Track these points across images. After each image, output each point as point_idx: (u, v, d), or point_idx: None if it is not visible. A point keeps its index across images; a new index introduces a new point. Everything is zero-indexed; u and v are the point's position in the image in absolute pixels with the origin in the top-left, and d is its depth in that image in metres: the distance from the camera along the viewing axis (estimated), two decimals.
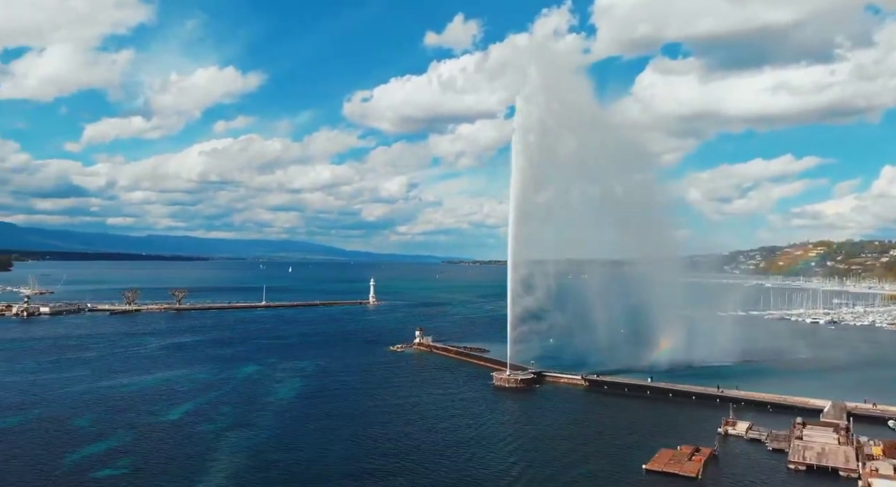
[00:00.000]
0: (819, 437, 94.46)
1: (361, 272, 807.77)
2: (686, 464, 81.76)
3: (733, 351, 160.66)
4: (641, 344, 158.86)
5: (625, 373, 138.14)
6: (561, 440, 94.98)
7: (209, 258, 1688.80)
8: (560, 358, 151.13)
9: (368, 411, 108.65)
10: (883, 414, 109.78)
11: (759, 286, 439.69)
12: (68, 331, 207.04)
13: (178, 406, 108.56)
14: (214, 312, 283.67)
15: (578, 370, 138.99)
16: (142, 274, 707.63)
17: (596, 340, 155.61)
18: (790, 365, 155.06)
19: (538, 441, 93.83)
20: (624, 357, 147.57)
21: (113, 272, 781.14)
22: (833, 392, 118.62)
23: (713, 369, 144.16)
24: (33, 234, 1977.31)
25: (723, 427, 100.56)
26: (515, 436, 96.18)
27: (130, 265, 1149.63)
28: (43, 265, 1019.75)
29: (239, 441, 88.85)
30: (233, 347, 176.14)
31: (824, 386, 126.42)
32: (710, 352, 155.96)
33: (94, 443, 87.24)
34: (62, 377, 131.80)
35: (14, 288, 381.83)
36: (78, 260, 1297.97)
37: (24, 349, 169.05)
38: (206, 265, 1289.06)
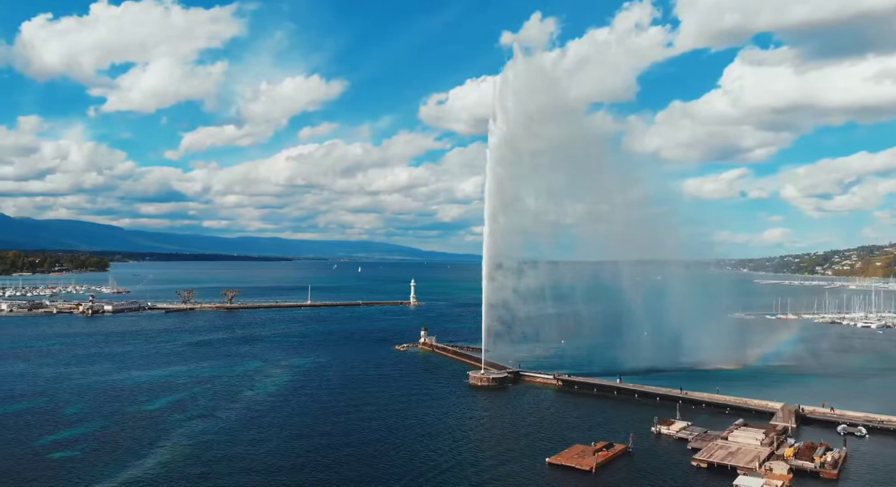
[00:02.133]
0: (744, 438, 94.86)
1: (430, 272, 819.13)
2: (587, 459, 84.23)
3: (740, 356, 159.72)
4: (670, 346, 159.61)
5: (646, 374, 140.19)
6: (497, 434, 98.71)
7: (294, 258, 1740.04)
8: (595, 362, 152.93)
9: (332, 405, 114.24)
10: (839, 419, 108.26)
11: (842, 288, 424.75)
12: (118, 328, 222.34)
13: (163, 397, 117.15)
14: (262, 311, 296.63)
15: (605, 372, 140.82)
16: (224, 274, 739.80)
17: (621, 342, 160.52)
18: (791, 370, 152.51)
19: (477, 435, 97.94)
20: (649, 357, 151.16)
21: (200, 272, 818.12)
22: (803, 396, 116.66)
23: (710, 373, 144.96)
24: (137, 236, 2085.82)
25: (656, 426, 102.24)
26: (460, 430, 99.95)
27: (220, 265, 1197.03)
28: (140, 265, 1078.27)
29: (193, 430, 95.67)
30: (250, 345, 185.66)
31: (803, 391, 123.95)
32: (719, 356, 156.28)
33: (68, 428, 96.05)
34: (85, 369, 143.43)
35: (97, 287, 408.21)
36: (174, 261, 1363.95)
37: (70, 343, 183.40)
38: (288, 265, 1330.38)
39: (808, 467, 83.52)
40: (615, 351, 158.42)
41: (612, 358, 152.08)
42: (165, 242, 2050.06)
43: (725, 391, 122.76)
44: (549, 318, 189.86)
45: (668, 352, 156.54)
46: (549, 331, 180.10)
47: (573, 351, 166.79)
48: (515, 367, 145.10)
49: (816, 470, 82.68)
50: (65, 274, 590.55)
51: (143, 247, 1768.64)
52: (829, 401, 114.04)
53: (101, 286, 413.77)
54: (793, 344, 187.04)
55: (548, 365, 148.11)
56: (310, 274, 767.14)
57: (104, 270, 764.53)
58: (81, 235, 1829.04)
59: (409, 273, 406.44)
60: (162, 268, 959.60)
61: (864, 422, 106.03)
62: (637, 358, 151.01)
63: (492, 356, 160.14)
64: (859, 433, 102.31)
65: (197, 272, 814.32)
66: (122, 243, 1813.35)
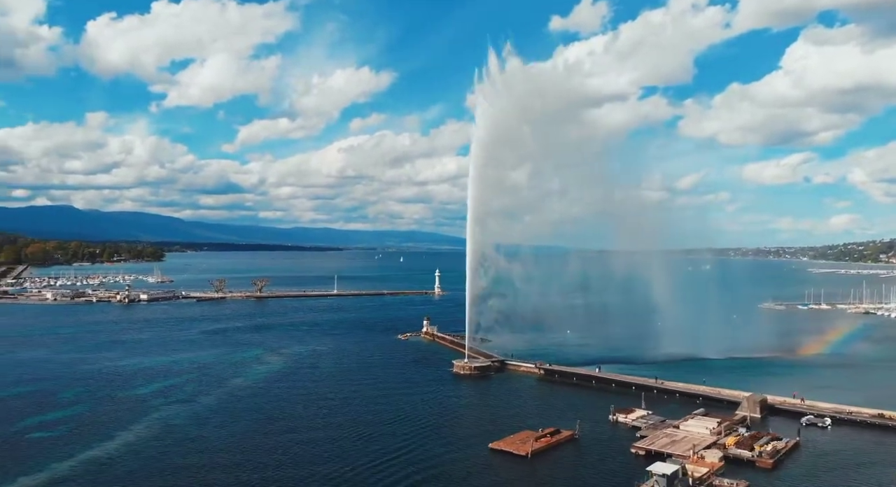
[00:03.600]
0: (695, 427, 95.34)
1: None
2: (525, 445, 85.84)
3: (747, 347, 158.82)
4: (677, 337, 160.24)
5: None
6: (458, 421, 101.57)
7: (344, 248, 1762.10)
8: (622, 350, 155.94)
9: (311, 392, 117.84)
10: (808, 409, 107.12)
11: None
12: (147, 316, 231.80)
13: (156, 382, 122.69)
14: (289, 300, 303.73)
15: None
16: (272, 263, 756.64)
17: (642, 332, 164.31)
18: (795, 361, 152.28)
19: (439, 421, 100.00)
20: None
21: (251, 262, 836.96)
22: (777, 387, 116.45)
23: (707, 363, 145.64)
24: (197, 227, 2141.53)
25: (613, 414, 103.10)
26: (425, 417, 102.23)
27: (272, 255, 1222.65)
28: (197, 255, 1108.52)
29: (167, 415, 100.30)
30: (261, 333, 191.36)
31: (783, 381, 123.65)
32: (729, 347, 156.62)
33: (55, 411, 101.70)
34: (98, 355, 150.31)
35: (143, 277, 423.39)
36: (230, 251, 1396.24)
37: (95, 331, 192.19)
38: (337, 255, 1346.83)
39: (744, 456, 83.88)
40: (634, 341, 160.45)
41: (626, 348, 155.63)
42: (223, 233, 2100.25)
43: (665, 379, 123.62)
44: (570, 309, 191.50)
45: (672, 343, 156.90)
46: (575, 322, 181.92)
47: (594, 340, 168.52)
48: (501, 356, 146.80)
49: (753, 459, 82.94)
50: (117, 264, 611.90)
51: (202, 238, 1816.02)
52: (831, 391, 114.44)
53: (147, 275, 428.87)
54: (802, 334, 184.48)
55: (572, 356, 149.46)
56: (353, 264, 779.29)
57: (160, 260, 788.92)
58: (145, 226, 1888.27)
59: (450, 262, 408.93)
60: (216, 258, 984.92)
61: (832, 414, 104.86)
62: (649, 348, 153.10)
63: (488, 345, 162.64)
64: (822, 424, 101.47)
65: (248, 262, 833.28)
66: (183, 234, 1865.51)
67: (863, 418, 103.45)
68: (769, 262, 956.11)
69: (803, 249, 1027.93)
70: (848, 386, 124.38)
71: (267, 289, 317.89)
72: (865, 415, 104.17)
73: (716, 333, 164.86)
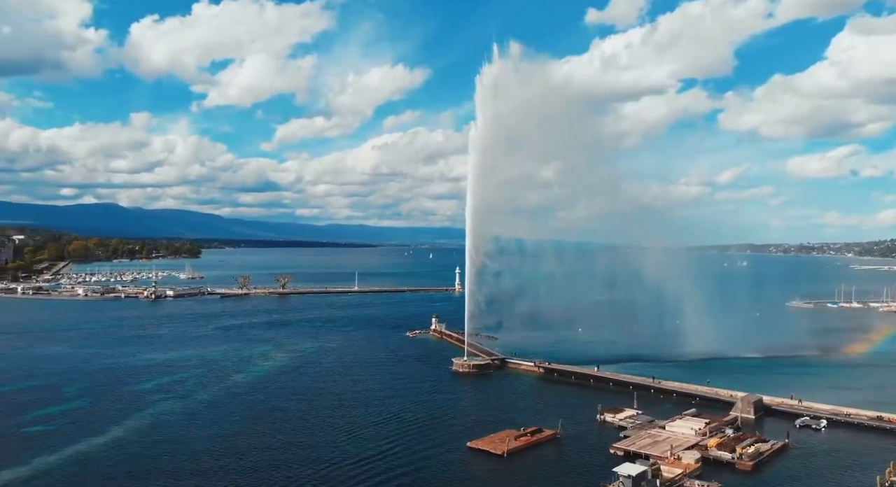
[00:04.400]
0: (681, 427, 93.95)
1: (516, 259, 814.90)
2: (503, 444, 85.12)
3: (764, 346, 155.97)
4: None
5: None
6: (443, 420, 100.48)
7: (378, 245, 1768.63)
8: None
9: (308, 389, 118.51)
10: (804, 411, 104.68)
11: None
12: (170, 312, 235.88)
13: (160, 378, 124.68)
14: (310, 296, 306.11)
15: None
16: (304, 260, 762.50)
17: (656, 331, 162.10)
18: (803, 360, 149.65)
19: (425, 420, 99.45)
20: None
21: (285, 258, 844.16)
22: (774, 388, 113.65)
23: (716, 362, 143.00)
24: (236, 225, 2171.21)
25: (601, 414, 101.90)
26: (413, 416, 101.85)
27: (308, 251, 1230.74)
28: (235, 252, 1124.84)
29: (161, 410, 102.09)
30: (274, 329, 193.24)
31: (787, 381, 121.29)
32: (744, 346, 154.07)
33: (57, 405, 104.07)
34: (112, 351, 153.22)
35: (176, 273, 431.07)
36: (268, 247, 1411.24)
37: (116, 326, 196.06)
38: (370, 251, 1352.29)
39: (724, 458, 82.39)
40: (650, 339, 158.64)
41: (640, 346, 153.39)
42: (261, 230, 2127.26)
43: (662, 378, 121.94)
44: (591, 306, 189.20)
45: (686, 342, 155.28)
46: (593, 320, 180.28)
47: (609, 338, 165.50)
48: (501, 354, 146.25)
49: (733, 461, 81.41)
50: (154, 261, 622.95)
51: (241, 235, 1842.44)
52: (837, 392, 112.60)
53: (179, 272, 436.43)
54: (822, 334, 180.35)
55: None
56: (383, 261, 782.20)
57: (196, 257, 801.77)
58: (186, 224, 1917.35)
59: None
60: (252, 255, 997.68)
61: (829, 415, 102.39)
62: (663, 347, 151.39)
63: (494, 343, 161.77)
64: (816, 426, 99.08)
65: (281, 258, 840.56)
66: (223, 231, 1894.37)
67: (860, 420, 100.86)
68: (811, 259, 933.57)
69: (848, 245, 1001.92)
70: (849, 386, 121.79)
71: (290, 286, 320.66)
72: (863, 417, 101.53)
73: (734, 332, 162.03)
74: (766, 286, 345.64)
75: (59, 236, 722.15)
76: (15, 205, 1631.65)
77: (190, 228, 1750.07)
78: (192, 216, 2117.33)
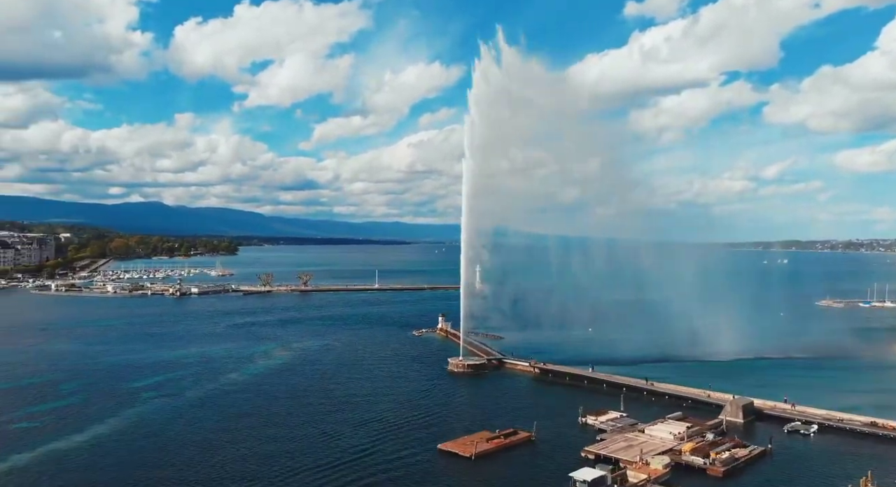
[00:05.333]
0: (660, 431, 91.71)
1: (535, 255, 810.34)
2: (472, 446, 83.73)
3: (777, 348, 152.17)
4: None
5: None
6: (423, 421, 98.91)
7: (413, 242, 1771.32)
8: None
9: (298, 388, 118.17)
10: (798, 415, 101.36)
11: None
12: (190, 309, 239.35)
13: (157, 375, 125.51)
14: (331, 294, 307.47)
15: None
16: (338, 257, 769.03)
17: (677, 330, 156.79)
18: (812, 362, 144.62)
19: (406, 421, 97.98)
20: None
21: (320, 255, 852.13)
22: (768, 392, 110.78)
23: (720, 364, 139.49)
24: (276, 222, 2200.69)
25: (583, 416, 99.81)
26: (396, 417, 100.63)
27: (342, 249, 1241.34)
28: (273, 249, 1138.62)
29: (149, 409, 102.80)
30: (285, 327, 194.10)
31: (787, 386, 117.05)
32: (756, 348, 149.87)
33: (49, 402, 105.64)
34: (120, 348, 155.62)
35: (207, 270, 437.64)
36: (306, 245, 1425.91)
37: (131, 323, 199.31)
38: (404, 248, 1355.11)
39: (697, 463, 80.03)
40: (663, 339, 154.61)
41: (650, 347, 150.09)
42: (301, 227, 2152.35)
43: (656, 380, 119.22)
44: (610, 305, 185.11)
45: (696, 342, 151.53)
46: (610, 319, 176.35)
47: (619, 338, 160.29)
48: (499, 354, 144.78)
49: (704, 467, 79.05)
50: (192, 258, 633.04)
51: (281, 232, 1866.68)
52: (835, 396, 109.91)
53: (211, 269, 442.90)
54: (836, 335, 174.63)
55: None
56: (415, 258, 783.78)
57: (234, 254, 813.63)
58: (228, 221, 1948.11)
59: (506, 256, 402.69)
60: (289, 252, 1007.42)
61: (822, 420, 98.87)
62: (671, 348, 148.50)
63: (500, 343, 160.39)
64: (805, 431, 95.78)
65: (316, 255, 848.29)
66: (263, 228, 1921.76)
67: (853, 426, 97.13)
68: (858, 256, 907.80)
69: None
70: (853, 390, 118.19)
71: (312, 283, 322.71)
72: (857, 423, 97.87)
73: (750, 333, 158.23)
74: (801, 284, 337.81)
75: (103, 234, 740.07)
76: (66, 204, 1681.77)
77: (232, 226, 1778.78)
78: (234, 214, 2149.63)
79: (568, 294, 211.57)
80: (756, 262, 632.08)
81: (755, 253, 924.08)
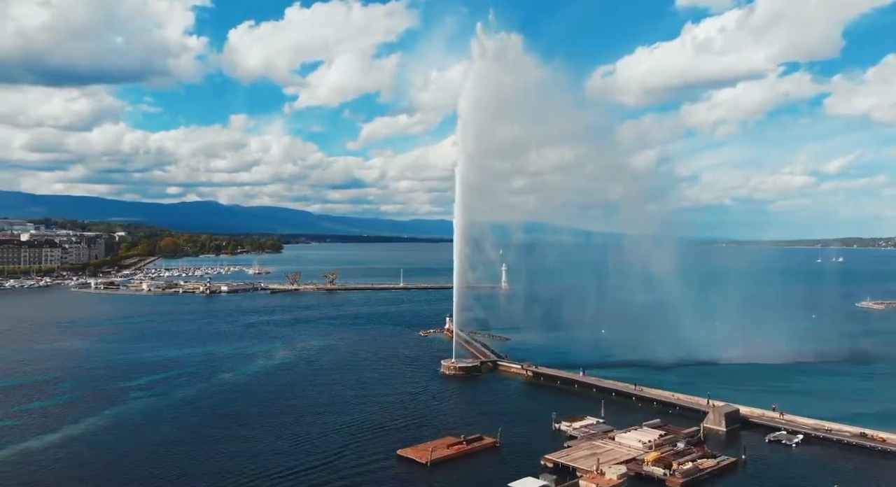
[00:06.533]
0: (630, 439, 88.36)
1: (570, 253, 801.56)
2: (429, 452, 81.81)
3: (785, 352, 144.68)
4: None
5: None
6: (397, 425, 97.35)
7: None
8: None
9: (285, 390, 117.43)
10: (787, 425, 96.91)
11: None
12: (215, 307, 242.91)
13: (153, 375, 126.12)
14: (356, 292, 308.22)
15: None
16: (378, 255, 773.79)
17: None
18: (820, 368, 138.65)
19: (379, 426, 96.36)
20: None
21: (363, 252, 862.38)
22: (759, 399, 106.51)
23: (722, 368, 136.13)
24: (324, 220, 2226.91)
25: (557, 422, 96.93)
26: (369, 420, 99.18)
27: (385, 246, 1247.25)
28: (318, 247, 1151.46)
29: (131, 409, 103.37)
30: (295, 326, 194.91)
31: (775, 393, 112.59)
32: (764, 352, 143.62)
33: (40, 401, 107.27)
34: (132, 346, 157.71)
35: (246, 269, 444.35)
36: (353, 243, 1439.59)
37: (151, 321, 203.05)
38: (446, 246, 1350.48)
39: (656, 473, 76.85)
40: (666, 342, 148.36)
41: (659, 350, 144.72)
42: (348, 225, 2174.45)
43: (644, 385, 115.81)
44: (627, 306, 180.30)
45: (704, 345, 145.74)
46: (625, 319, 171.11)
47: (631, 340, 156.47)
48: (494, 356, 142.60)
49: (664, 478, 75.86)
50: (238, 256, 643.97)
51: (329, 230, 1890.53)
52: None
53: (249, 267, 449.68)
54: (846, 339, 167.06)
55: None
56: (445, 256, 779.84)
57: (279, 252, 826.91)
58: (279, 220, 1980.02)
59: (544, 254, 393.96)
60: (333, 250, 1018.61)
61: (809, 430, 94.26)
62: (676, 351, 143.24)
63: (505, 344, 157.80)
64: (788, 441, 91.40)
65: (359, 253, 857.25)
66: (312, 226, 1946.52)
67: (840, 437, 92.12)
68: None
69: None
70: (854, 399, 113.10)
71: (340, 281, 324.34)
72: (845, 434, 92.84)
73: (767, 336, 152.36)
74: (847, 284, 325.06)
75: (156, 233, 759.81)
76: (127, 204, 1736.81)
77: (282, 224, 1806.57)
78: (284, 212, 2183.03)
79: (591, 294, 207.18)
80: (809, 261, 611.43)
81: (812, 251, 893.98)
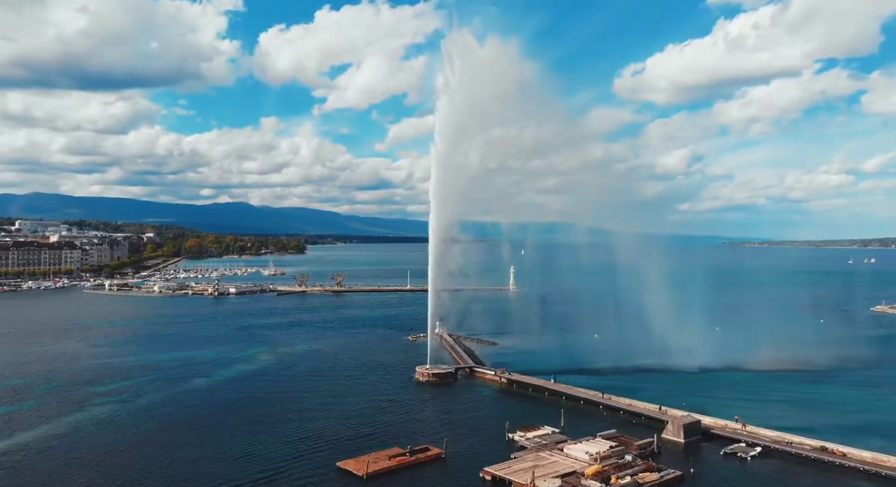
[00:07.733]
0: (577, 451, 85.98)
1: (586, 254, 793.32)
2: (366, 464, 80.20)
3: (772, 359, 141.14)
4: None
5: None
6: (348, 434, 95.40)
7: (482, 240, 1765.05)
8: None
9: (255, 395, 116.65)
10: (747, 437, 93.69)
11: None
12: (217, 310, 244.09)
13: (127, 380, 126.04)
14: (363, 294, 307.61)
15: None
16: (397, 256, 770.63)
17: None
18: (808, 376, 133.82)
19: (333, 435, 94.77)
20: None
21: (384, 253, 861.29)
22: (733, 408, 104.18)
23: (717, 376, 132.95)
24: (352, 221, 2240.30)
25: (509, 432, 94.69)
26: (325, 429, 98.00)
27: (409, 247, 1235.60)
28: (342, 247, 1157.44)
29: (93, 414, 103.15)
30: (287, 329, 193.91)
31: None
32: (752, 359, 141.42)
33: (10, 405, 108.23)
34: (118, 350, 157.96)
35: (262, 269, 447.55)
36: (379, 243, 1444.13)
37: (148, 323, 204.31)
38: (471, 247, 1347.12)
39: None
40: (657, 348, 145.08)
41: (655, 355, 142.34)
42: (375, 226, 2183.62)
43: (614, 394, 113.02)
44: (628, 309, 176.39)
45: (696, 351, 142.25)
46: (619, 323, 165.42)
47: (622, 345, 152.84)
48: (471, 362, 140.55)
49: None
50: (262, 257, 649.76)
51: (357, 231, 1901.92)
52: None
53: (264, 268, 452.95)
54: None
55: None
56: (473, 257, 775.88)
57: (302, 253, 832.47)
58: (308, 221, 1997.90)
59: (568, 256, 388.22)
60: (357, 250, 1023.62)
61: (769, 443, 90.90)
62: (665, 357, 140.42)
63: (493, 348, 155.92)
64: (744, 454, 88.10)
65: (381, 254, 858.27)
66: (340, 227, 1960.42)
67: (800, 450, 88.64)
68: None
69: None
70: (832, 409, 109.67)
71: (347, 283, 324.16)
72: (805, 447, 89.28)
73: (760, 342, 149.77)
74: (869, 287, 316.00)
75: (184, 233, 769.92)
76: (161, 205, 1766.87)
77: (311, 225, 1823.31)
78: (313, 213, 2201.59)
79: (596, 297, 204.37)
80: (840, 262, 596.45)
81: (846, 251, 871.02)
